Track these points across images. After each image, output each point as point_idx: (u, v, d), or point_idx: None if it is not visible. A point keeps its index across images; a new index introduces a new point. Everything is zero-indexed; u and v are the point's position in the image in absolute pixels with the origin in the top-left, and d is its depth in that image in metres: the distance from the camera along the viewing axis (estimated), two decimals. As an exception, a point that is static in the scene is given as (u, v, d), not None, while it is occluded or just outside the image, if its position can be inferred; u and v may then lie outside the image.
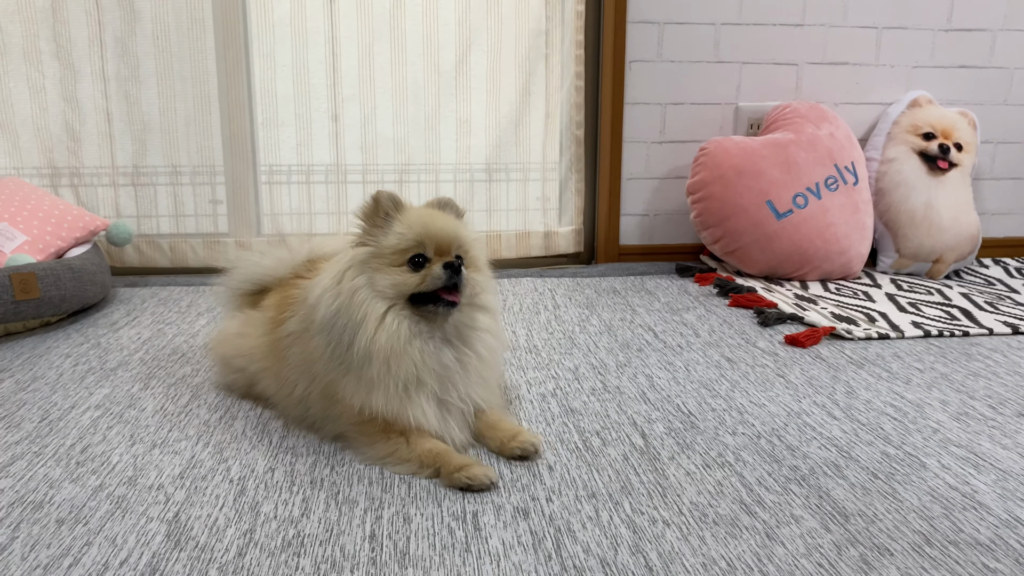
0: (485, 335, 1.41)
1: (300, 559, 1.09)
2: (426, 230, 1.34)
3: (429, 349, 1.33)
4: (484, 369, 1.40)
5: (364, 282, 1.33)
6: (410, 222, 1.34)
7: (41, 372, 1.77)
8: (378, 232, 1.35)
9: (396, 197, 1.36)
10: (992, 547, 1.12)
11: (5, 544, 1.12)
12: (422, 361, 1.32)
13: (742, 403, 1.62)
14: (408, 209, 1.37)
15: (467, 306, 1.38)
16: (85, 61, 2.56)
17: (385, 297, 1.32)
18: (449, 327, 1.37)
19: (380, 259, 1.34)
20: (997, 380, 1.75)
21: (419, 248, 1.34)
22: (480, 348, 1.40)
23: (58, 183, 2.63)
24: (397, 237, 1.33)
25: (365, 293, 1.32)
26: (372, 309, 1.31)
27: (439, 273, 1.32)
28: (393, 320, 1.32)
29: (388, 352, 1.30)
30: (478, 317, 1.41)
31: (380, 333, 1.30)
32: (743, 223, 2.53)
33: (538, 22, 2.70)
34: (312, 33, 2.62)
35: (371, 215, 1.36)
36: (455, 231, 1.37)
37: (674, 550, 1.11)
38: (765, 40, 2.74)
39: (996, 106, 2.89)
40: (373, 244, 1.34)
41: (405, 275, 1.33)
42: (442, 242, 1.34)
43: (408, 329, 1.32)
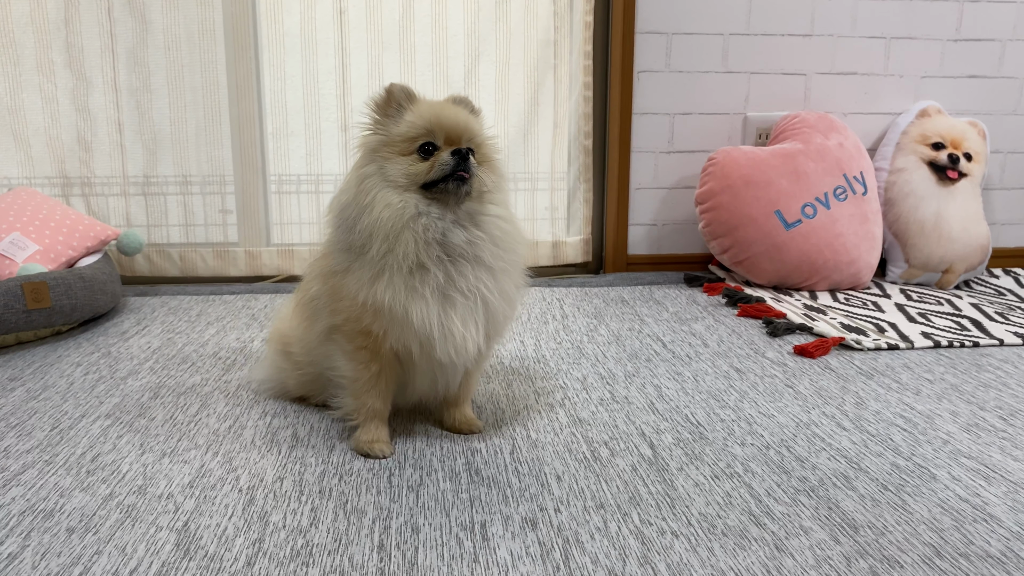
0: (499, 220, 1.39)
1: (309, 569, 1.09)
2: (437, 119, 1.34)
3: (435, 227, 1.32)
4: (499, 254, 1.38)
5: (374, 170, 1.33)
6: (421, 111, 1.35)
7: (52, 381, 1.78)
8: (389, 122, 1.35)
9: (409, 89, 1.36)
10: (1003, 560, 1.12)
11: (16, 553, 1.12)
12: (423, 238, 1.31)
13: (751, 414, 1.61)
14: (420, 101, 1.38)
15: (477, 199, 1.37)
16: (97, 72, 2.58)
17: (396, 185, 1.32)
18: (461, 212, 1.35)
19: (390, 147, 1.34)
20: (1008, 391, 1.74)
21: (428, 136, 1.33)
22: (494, 230, 1.37)
23: (69, 193, 2.65)
24: (407, 125, 1.33)
25: (375, 180, 1.32)
26: (381, 195, 1.31)
27: (447, 159, 1.31)
28: (399, 200, 1.31)
29: (389, 228, 1.30)
30: (490, 207, 1.39)
31: (384, 211, 1.30)
32: (752, 233, 2.52)
33: (546, 33, 2.71)
34: (322, 44, 2.63)
35: (383, 105, 1.36)
36: (466, 122, 1.36)
37: (683, 561, 1.11)
38: (774, 50, 2.74)
39: (1006, 116, 2.89)
40: (383, 133, 1.35)
41: (415, 163, 1.33)
42: (452, 132, 1.34)
43: (415, 207, 1.31)
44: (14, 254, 2.19)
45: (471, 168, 1.32)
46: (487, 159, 1.41)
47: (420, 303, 1.32)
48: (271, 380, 1.67)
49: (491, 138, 1.43)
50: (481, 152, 1.39)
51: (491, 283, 1.37)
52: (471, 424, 1.52)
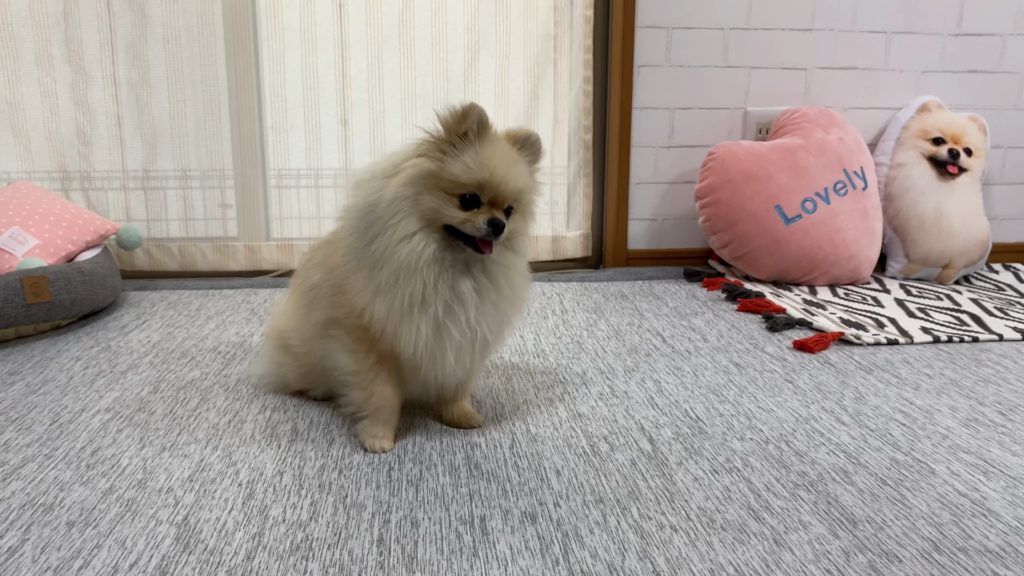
0: (511, 272, 1.38)
1: (308, 563, 1.09)
2: (492, 177, 1.30)
3: (446, 276, 1.32)
4: (502, 301, 1.38)
5: (410, 193, 1.30)
6: (482, 160, 1.30)
7: (52, 375, 1.78)
8: (449, 150, 1.30)
9: (485, 118, 1.30)
10: (1002, 554, 1.12)
11: (16, 546, 1.13)
12: (432, 286, 1.31)
13: (750, 408, 1.61)
14: (488, 140, 1.31)
15: (499, 244, 1.36)
16: (96, 65, 2.58)
17: (423, 217, 1.30)
18: (475, 262, 1.35)
19: (437, 180, 1.30)
20: (1007, 386, 1.75)
21: (477, 190, 1.30)
22: (502, 282, 1.37)
23: (69, 187, 2.65)
24: (462, 169, 1.29)
25: (406, 204, 1.30)
26: (405, 223, 1.30)
27: (482, 226, 1.29)
28: (420, 241, 1.30)
29: (401, 266, 1.29)
30: (507, 255, 1.38)
31: (403, 246, 1.29)
32: (752, 228, 2.52)
33: (546, 27, 2.70)
34: (321, 38, 2.63)
35: (453, 127, 1.30)
36: (519, 187, 1.33)
37: (682, 556, 1.11)
38: (774, 45, 2.74)
39: (1006, 111, 2.88)
40: (437, 164, 1.30)
41: (451, 208, 1.30)
42: (501, 195, 1.31)
43: (432, 254, 1.30)
44: (13, 248, 2.19)
45: (499, 238, 1.31)
46: (524, 207, 1.39)
47: (412, 330, 1.32)
48: (271, 375, 1.67)
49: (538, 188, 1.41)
50: (521, 204, 1.37)
51: (491, 322, 1.38)
52: (470, 418, 1.52)
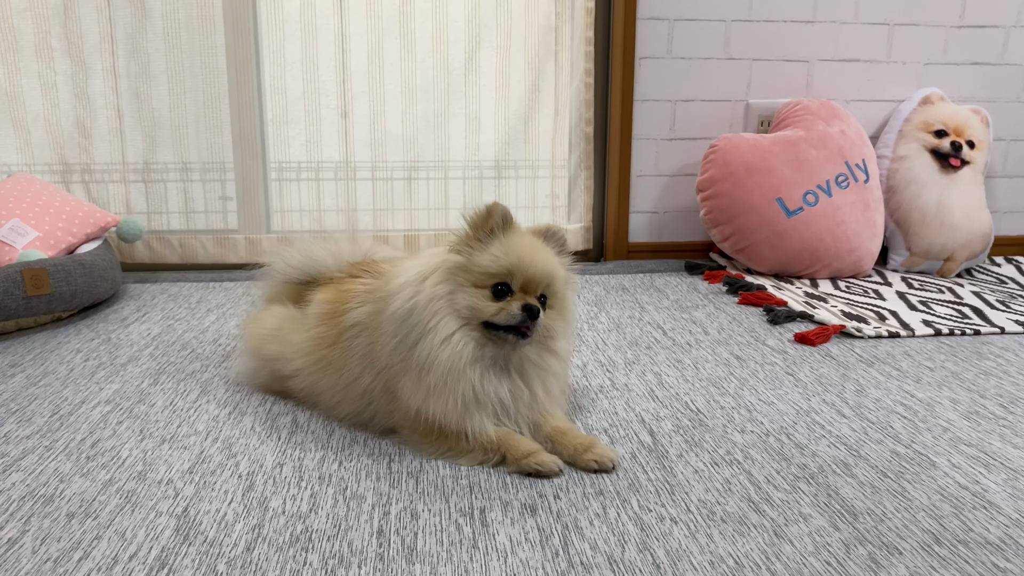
0: (548, 376, 1.38)
1: (308, 554, 1.09)
2: (520, 262, 1.32)
3: (489, 377, 1.32)
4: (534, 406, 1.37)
5: (444, 292, 1.32)
6: (508, 248, 1.32)
7: (52, 367, 1.78)
8: (476, 245, 1.33)
9: (508, 214, 1.34)
10: (1002, 547, 1.12)
11: (16, 538, 1.13)
12: (481, 387, 1.31)
13: (751, 401, 1.61)
14: (513, 232, 1.35)
15: (538, 344, 1.37)
16: (96, 58, 2.57)
17: (460, 316, 1.31)
18: (514, 358, 1.35)
19: (468, 274, 1.32)
20: (1008, 379, 1.74)
21: (507, 278, 1.32)
22: (538, 389, 1.37)
23: (69, 179, 2.65)
24: (490, 259, 1.32)
25: (442, 304, 1.31)
26: (444, 323, 1.31)
27: (516, 312, 1.30)
28: (460, 340, 1.31)
29: (447, 369, 1.30)
30: (546, 357, 1.38)
31: (444, 348, 1.30)
32: (753, 221, 2.52)
33: (547, 19, 2.70)
34: (322, 30, 2.62)
35: (478, 225, 1.34)
36: (548, 271, 1.35)
37: (681, 547, 1.11)
38: (776, 37, 2.73)
39: (1009, 103, 2.87)
40: (467, 256, 1.33)
41: (485, 301, 1.31)
42: (531, 280, 1.33)
43: (472, 352, 1.31)
44: (14, 240, 2.19)
45: (536, 326, 1.31)
46: (560, 301, 1.39)
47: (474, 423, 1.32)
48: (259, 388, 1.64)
49: (570, 280, 1.42)
50: (555, 297, 1.38)
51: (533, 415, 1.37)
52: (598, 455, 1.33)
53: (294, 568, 1.06)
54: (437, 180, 2.77)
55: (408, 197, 2.77)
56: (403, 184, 2.76)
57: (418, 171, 2.76)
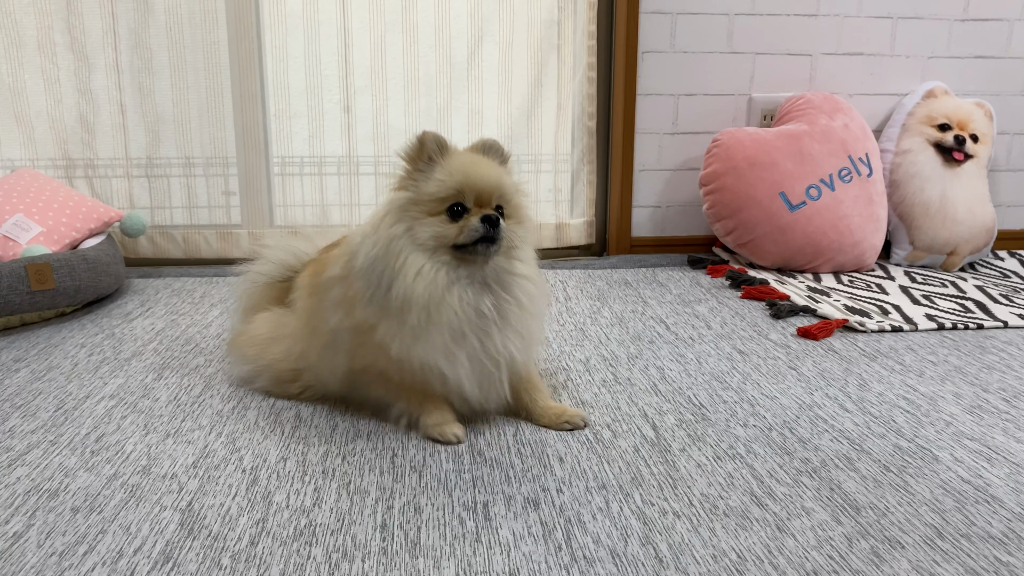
0: (524, 282, 1.39)
1: (312, 548, 1.09)
2: (467, 179, 1.32)
3: (468, 296, 1.33)
4: (524, 318, 1.39)
5: (402, 231, 1.32)
6: (451, 169, 1.33)
7: (56, 362, 1.78)
8: (419, 176, 1.34)
9: (441, 139, 1.34)
10: (1005, 541, 1.12)
11: (21, 532, 1.13)
12: (461, 309, 1.32)
13: (753, 395, 1.61)
14: (451, 153, 1.36)
15: (504, 255, 1.37)
16: (99, 53, 2.58)
17: (424, 248, 1.32)
18: (489, 272, 1.36)
19: (419, 206, 1.33)
20: (1011, 373, 1.74)
21: (458, 197, 1.32)
22: (519, 294, 1.38)
23: (72, 174, 2.65)
24: (437, 184, 1.32)
25: (403, 242, 1.32)
26: (411, 259, 1.31)
27: (476, 226, 1.31)
28: (431, 269, 1.31)
29: (427, 300, 1.30)
30: (516, 265, 1.39)
31: (418, 281, 1.30)
32: (756, 215, 2.52)
33: (550, 13, 2.69)
34: (324, 25, 2.62)
35: (414, 157, 1.35)
36: (496, 180, 1.35)
37: (684, 541, 1.11)
38: (779, 31, 2.72)
39: (1013, 97, 2.87)
40: (413, 190, 1.33)
41: (443, 225, 1.32)
42: (482, 192, 1.33)
43: (446, 276, 1.32)
44: (17, 236, 2.19)
45: (500, 232, 1.32)
46: (516, 210, 1.40)
47: (457, 367, 1.34)
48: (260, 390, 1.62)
49: (520, 189, 1.41)
50: (510, 206, 1.38)
51: (518, 344, 1.39)
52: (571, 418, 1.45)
53: (298, 562, 1.06)
54: (440, 175, 2.77)
55: (411, 192, 2.77)
56: (406, 179, 2.76)
57: (421, 166, 2.75)
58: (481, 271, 1.35)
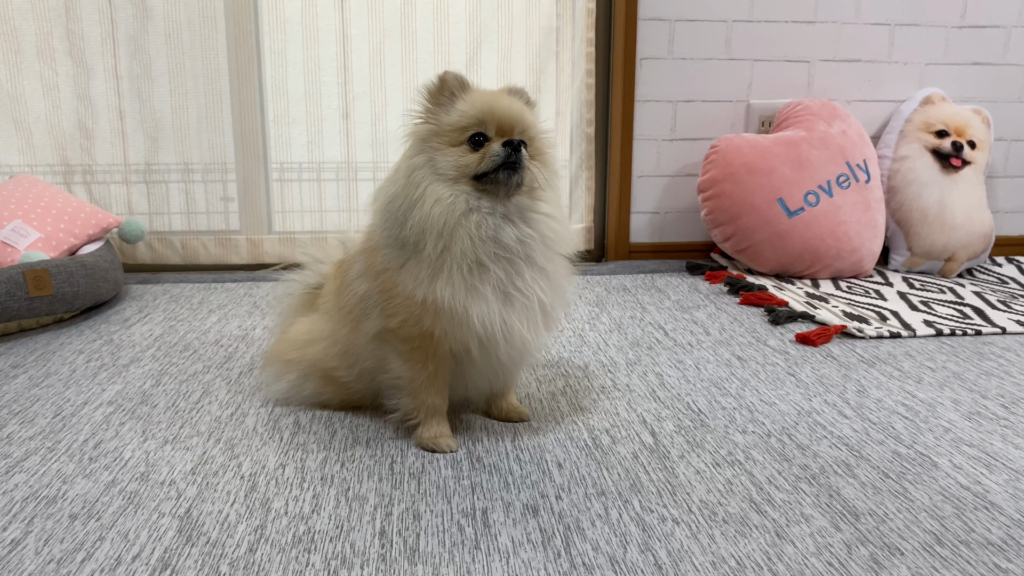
0: (549, 220, 1.36)
1: (310, 555, 1.09)
2: (489, 109, 1.30)
3: (487, 223, 1.29)
4: (550, 256, 1.36)
5: (423, 162, 1.30)
6: (473, 101, 1.32)
7: (54, 368, 1.78)
8: (440, 111, 1.32)
9: (462, 77, 1.33)
10: (1004, 547, 1.12)
11: (19, 539, 1.13)
12: (478, 235, 1.28)
13: (752, 401, 1.61)
14: (473, 90, 1.35)
15: (527, 195, 1.34)
16: (98, 59, 2.58)
17: (445, 178, 1.29)
18: (511, 208, 1.32)
19: (440, 137, 1.31)
20: (1010, 379, 1.74)
21: (480, 127, 1.30)
22: (544, 229, 1.34)
23: (71, 180, 2.65)
24: (458, 115, 1.31)
25: (423, 172, 1.29)
26: (431, 188, 1.29)
27: (498, 151, 1.28)
28: (450, 195, 1.28)
29: (442, 226, 1.27)
30: (540, 204, 1.35)
31: (435, 208, 1.27)
32: (754, 221, 2.52)
33: (549, 20, 2.70)
34: (323, 31, 2.63)
35: (436, 94, 1.33)
36: (519, 113, 1.33)
37: (683, 548, 1.11)
38: (777, 37, 2.73)
39: (1010, 103, 2.87)
40: (434, 122, 1.32)
41: (465, 154, 1.30)
42: (504, 122, 1.31)
43: (466, 203, 1.29)
44: (16, 242, 2.19)
45: (522, 160, 1.29)
46: (540, 153, 1.37)
47: (481, 303, 1.30)
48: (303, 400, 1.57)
49: (545, 132, 1.39)
50: (534, 145, 1.35)
51: (545, 283, 1.35)
52: (520, 412, 1.51)
53: (296, 569, 1.06)
54: (438, 181, 2.77)
55: (409, 198, 2.77)
56: (404, 185, 2.76)
57: (419, 172, 2.75)
58: (503, 205, 1.31)
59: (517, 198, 1.33)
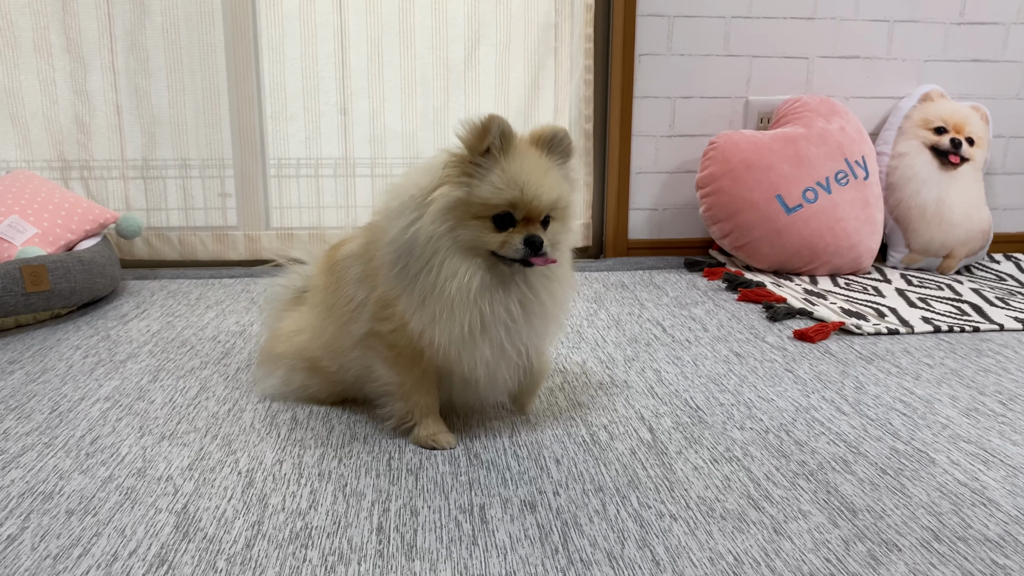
0: (554, 285, 1.36)
1: (308, 551, 1.09)
2: (523, 194, 1.27)
3: (498, 297, 1.30)
4: (545, 319, 1.37)
5: (445, 230, 1.28)
6: (509, 176, 1.27)
7: (51, 364, 1.78)
8: (474, 170, 1.27)
9: (507, 128, 1.28)
10: (1001, 543, 1.12)
11: (15, 535, 1.13)
12: (490, 313, 1.29)
13: (750, 398, 1.61)
14: (514, 152, 1.29)
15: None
16: (95, 54, 2.57)
17: (464, 248, 1.28)
18: (521, 275, 1.33)
19: (468, 207, 1.28)
20: (1007, 376, 1.74)
21: (508, 208, 1.28)
22: (545, 296, 1.35)
23: (68, 176, 2.64)
24: (491, 191, 1.27)
25: (443, 242, 1.28)
26: (449, 261, 1.28)
27: (518, 247, 1.27)
28: (466, 272, 1.28)
29: (454, 300, 1.28)
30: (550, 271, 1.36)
31: (451, 283, 1.27)
32: (752, 217, 2.52)
33: (547, 16, 2.69)
34: (321, 27, 2.62)
35: (475, 143, 1.28)
36: (552, 199, 1.30)
37: (681, 544, 1.11)
38: (775, 33, 2.72)
39: (1008, 100, 2.87)
40: (465, 189, 1.27)
41: (488, 233, 1.28)
42: (534, 210, 1.29)
43: (480, 281, 1.29)
44: (13, 237, 2.19)
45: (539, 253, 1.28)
46: (563, 214, 1.36)
47: (474, 352, 1.32)
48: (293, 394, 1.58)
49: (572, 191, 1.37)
50: (558, 211, 1.34)
51: (534, 341, 1.38)
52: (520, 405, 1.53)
53: (294, 565, 1.06)
54: (436, 177, 2.77)
55: (407, 194, 2.77)
56: (402, 181, 2.76)
57: (417, 168, 2.75)
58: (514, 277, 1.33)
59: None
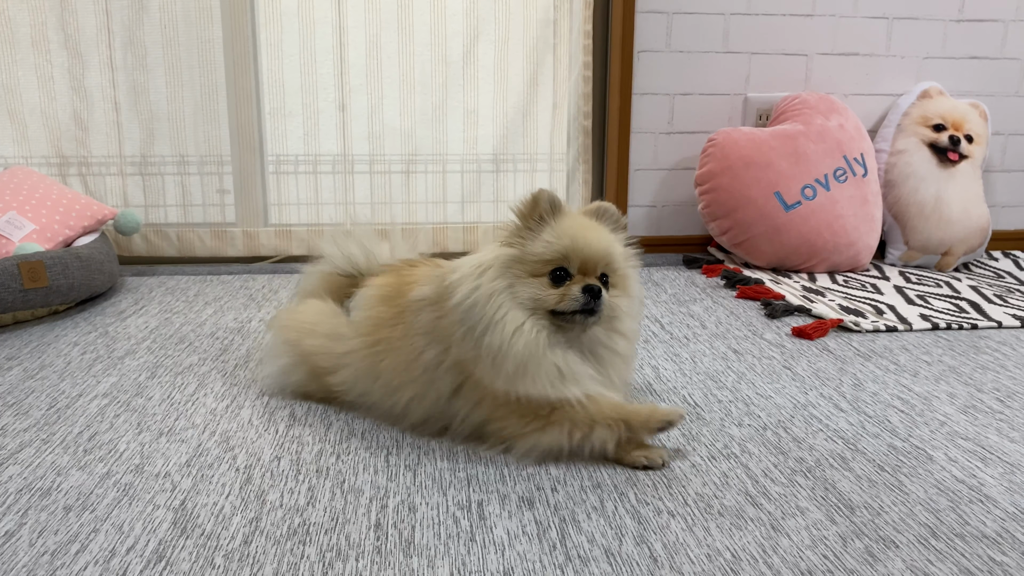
0: (619, 360, 1.36)
1: (305, 547, 1.09)
2: (574, 244, 1.29)
3: (571, 355, 1.30)
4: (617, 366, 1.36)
5: (503, 286, 1.29)
6: (560, 232, 1.30)
7: (49, 360, 1.77)
8: (528, 234, 1.30)
9: (556, 199, 1.32)
10: (999, 540, 1.12)
11: (13, 530, 1.13)
12: (566, 363, 1.29)
13: (748, 395, 1.61)
14: (563, 216, 1.32)
15: (605, 325, 1.34)
16: (93, 50, 2.57)
17: (524, 307, 1.29)
18: (586, 341, 1.32)
19: (523, 265, 1.29)
20: (1005, 373, 1.75)
21: (563, 262, 1.29)
22: (611, 372, 1.35)
23: (66, 172, 2.64)
24: (543, 246, 1.29)
25: (503, 298, 1.28)
26: (510, 316, 1.28)
27: (577, 295, 1.27)
28: (532, 328, 1.28)
29: (526, 358, 1.27)
30: (616, 339, 1.35)
31: (518, 338, 1.26)
32: (751, 215, 2.52)
33: (546, 12, 2.69)
34: (320, 23, 2.61)
35: (526, 214, 1.31)
36: (605, 250, 1.32)
37: (679, 541, 1.11)
38: (775, 30, 2.72)
39: (1007, 98, 2.87)
40: (519, 247, 1.30)
41: (544, 289, 1.29)
42: (588, 260, 1.30)
43: (548, 337, 1.28)
44: (10, 233, 2.18)
45: (600, 304, 1.28)
46: (623, 280, 1.36)
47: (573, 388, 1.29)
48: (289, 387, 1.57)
49: (629, 258, 1.38)
50: (616, 275, 1.35)
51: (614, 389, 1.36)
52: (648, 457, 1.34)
53: (291, 561, 1.06)
54: (435, 174, 2.77)
55: (406, 190, 2.77)
56: (401, 177, 2.76)
57: (416, 164, 2.75)
58: (579, 339, 1.32)
59: (594, 329, 1.33)
